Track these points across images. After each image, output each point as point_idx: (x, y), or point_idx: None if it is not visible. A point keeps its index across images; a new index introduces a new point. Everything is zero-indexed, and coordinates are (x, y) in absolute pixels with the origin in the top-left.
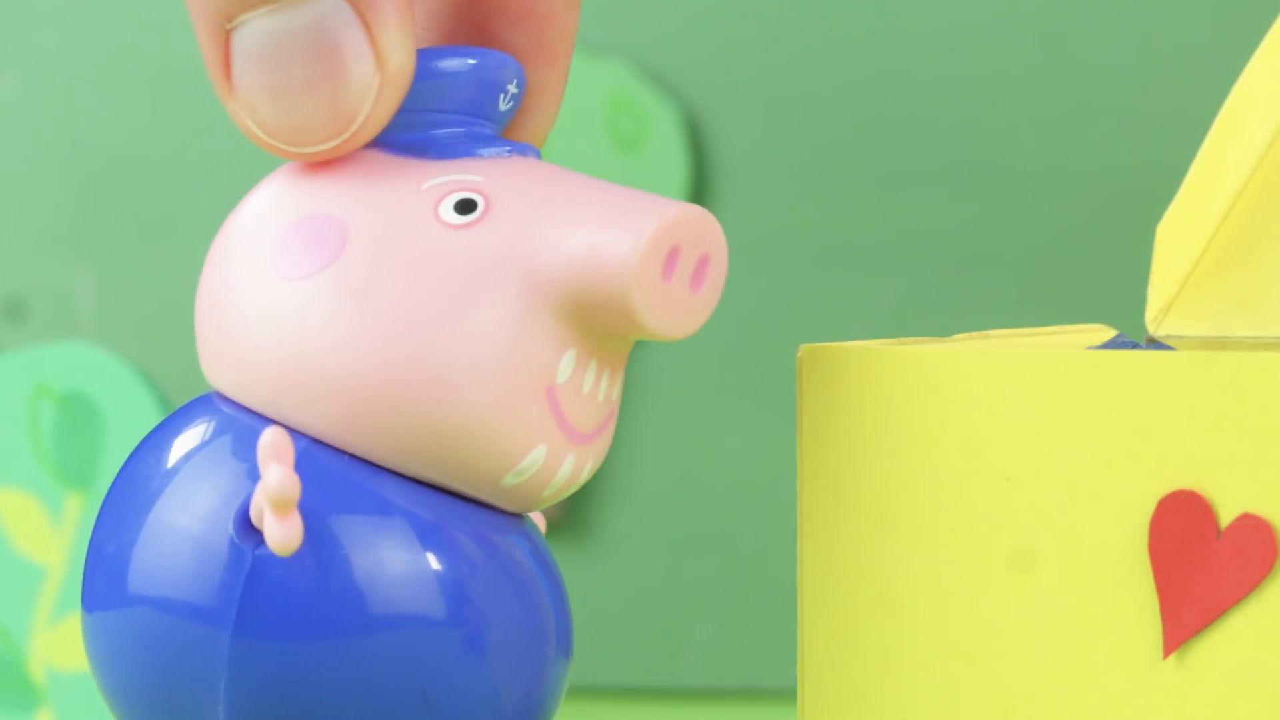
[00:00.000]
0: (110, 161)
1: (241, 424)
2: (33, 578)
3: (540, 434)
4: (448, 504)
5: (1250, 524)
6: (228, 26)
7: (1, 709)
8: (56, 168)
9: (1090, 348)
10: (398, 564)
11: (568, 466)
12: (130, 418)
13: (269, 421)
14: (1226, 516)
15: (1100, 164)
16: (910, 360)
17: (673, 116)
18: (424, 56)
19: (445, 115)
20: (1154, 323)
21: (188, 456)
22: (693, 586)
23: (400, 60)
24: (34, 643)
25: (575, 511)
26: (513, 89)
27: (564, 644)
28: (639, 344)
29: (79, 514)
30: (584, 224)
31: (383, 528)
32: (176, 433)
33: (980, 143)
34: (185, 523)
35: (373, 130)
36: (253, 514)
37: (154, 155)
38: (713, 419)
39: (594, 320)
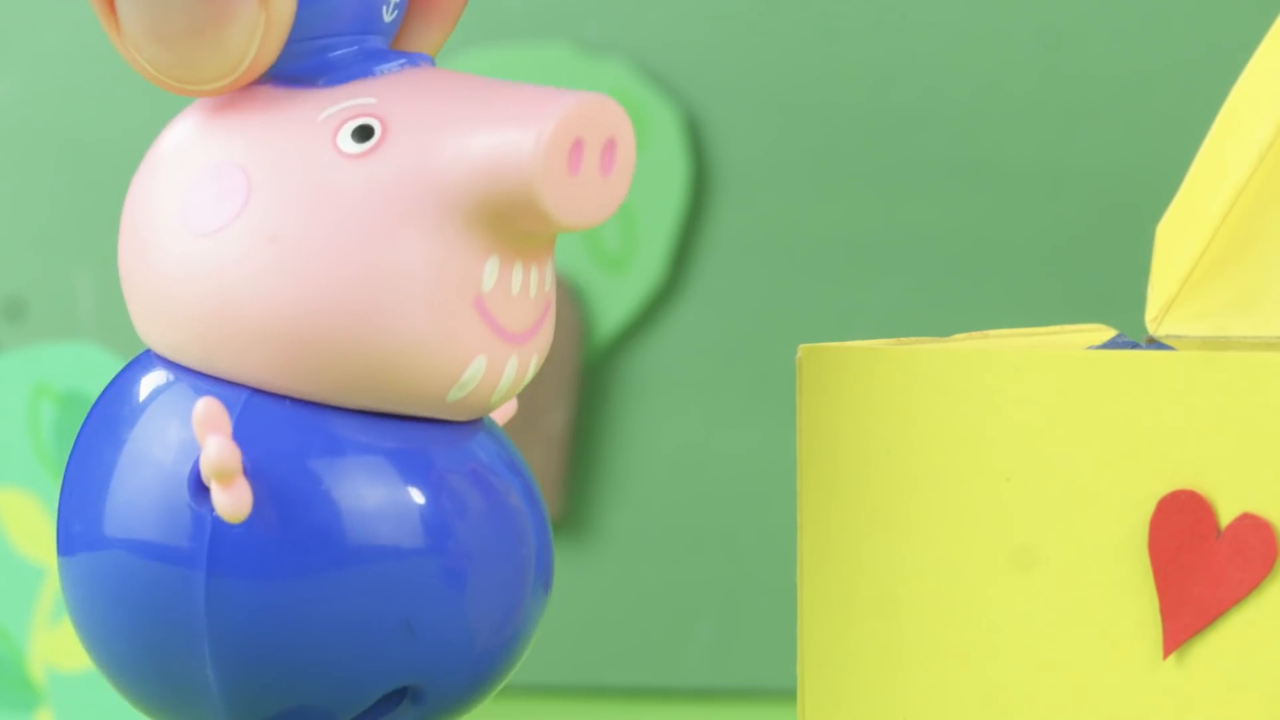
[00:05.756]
0: (110, 161)
1: (179, 383)
2: (33, 578)
3: (477, 345)
4: (397, 427)
5: (1250, 524)
6: None
7: (1, 709)
8: (56, 167)
9: (1090, 348)
10: (361, 497)
11: (511, 369)
12: None
13: (204, 379)
14: (1226, 516)
15: (1100, 164)
16: (910, 360)
17: (673, 116)
18: None
19: (332, 39)
20: (1154, 323)
21: (138, 414)
22: (693, 586)
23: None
24: (34, 643)
25: (575, 511)
26: None
27: (543, 572)
28: (637, 346)
29: None
30: (482, 130)
31: (338, 465)
32: (126, 393)
33: (980, 143)
34: (146, 479)
35: (261, 67)
36: (203, 476)
37: None
38: (713, 419)
39: (509, 223)
